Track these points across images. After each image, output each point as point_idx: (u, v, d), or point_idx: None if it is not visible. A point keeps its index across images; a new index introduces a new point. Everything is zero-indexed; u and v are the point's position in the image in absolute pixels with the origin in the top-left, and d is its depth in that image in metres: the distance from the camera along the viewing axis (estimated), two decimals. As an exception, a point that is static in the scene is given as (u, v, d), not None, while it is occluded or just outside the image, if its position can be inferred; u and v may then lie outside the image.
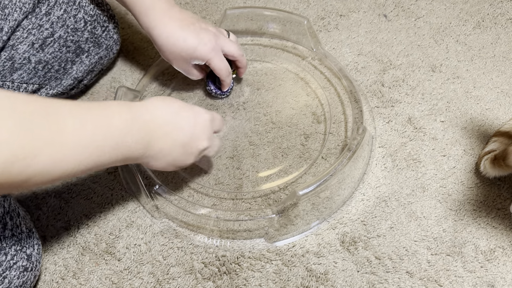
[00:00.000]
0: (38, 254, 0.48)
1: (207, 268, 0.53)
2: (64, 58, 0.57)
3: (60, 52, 0.56)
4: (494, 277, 0.51)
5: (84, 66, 0.60)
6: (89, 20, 0.57)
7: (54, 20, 0.54)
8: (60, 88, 0.60)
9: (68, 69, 0.58)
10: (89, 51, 0.59)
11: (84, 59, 0.59)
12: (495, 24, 0.71)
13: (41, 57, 0.55)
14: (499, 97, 0.63)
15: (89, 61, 0.60)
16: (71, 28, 0.56)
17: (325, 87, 0.65)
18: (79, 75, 0.60)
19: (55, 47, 0.55)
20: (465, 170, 0.58)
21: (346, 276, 0.51)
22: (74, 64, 0.58)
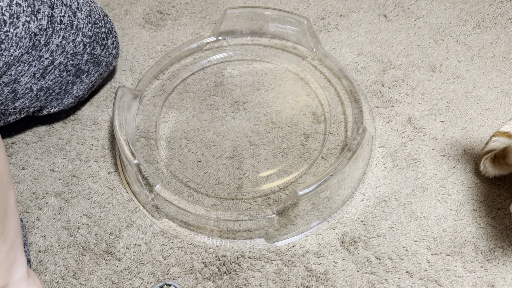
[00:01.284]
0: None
1: (207, 268, 0.53)
2: (65, 81, 0.57)
3: (60, 77, 0.56)
4: (494, 277, 0.51)
5: (85, 85, 0.60)
6: (88, 42, 0.57)
7: (53, 48, 0.54)
8: (62, 106, 0.60)
9: (68, 90, 0.59)
10: (89, 71, 0.59)
11: (84, 78, 0.59)
12: (495, 24, 0.71)
13: (43, 84, 0.55)
14: (499, 97, 0.64)
15: (89, 80, 0.60)
16: (70, 53, 0.56)
17: (325, 87, 0.65)
18: (80, 93, 0.61)
19: (55, 73, 0.55)
20: (465, 170, 0.58)
21: (346, 276, 0.51)
22: (75, 84, 0.59)
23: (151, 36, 0.72)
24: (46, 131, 0.64)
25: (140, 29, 0.73)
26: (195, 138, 0.62)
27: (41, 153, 0.62)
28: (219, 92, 0.66)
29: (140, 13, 0.75)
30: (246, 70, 0.68)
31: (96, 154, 0.61)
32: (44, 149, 0.62)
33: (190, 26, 0.73)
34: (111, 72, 0.69)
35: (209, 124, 0.63)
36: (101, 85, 0.68)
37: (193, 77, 0.68)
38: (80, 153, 0.62)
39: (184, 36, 0.72)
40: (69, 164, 0.61)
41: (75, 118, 0.65)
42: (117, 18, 0.75)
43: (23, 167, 0.61)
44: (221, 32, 0.69)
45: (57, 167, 0.61)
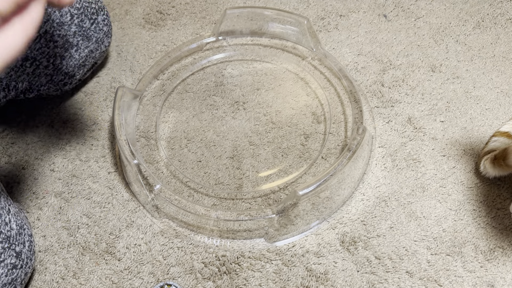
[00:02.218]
0: (29, 251, 0.48)
1: (207, 268, 0.53)
2: (52, 53, 0.55)
3: (47, 47, 0.54)
4: (494, 277, 0.51)
5: (74, 60, 0.58)
6: (76, 13, 0.55)
7: None
8: (51, 84, 0.58)
9: (57, 65, 0.57)
10: (78, 45, 0.58)
11: (73, 53, 0.58)
12: (495, 24, 0.71)
13: (28, 54, 0.53)
14: (498, 97, 0.64)
15: (79, 55, 0.58)
16: (56, 22, 0.54)
17: (325, 87, 0.65)
18: (70, 70, 0.59)
19: (41, 42, 0.54)
20: (464, 170, 0.58)
21: (346, 276, 0.51)
22: (64, 59, 0.57)
23: (151, 36, 0.72)
24: (46, 131, 0.64)
25: (140, 29, 0.73)
26: (195, 138, 0.62)
27: (41, 153, 0.62)
28: (219, 92, 0.66)
29: (140, 13, 0.75)
30: (246, 70, 0.68)
31: (96, 154, 0.61)
32: (44, 149, 0.62)
33: (190, 26, 0.73)
34: (111, 72, 0.69)
35: (209, 124, 0.63)
36: (101, 85, 0.68)
37: (193, 77, 0.68)
38: (80, 153, 0.62)
39: (184, 36, 0.72)
40: (69, 164, 0.61)
41: (75, 118, 0.65)
42: (117, 18, 0.75)
43: (23, 167, 0.61)
44: (221, 32, 0.69)
45: (57, 167, 0.61)
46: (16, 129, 0.64)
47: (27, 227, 0.50)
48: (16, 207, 0.51)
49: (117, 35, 0.72)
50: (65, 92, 0.65)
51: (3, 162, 0.61)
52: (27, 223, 0.50)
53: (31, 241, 0.49)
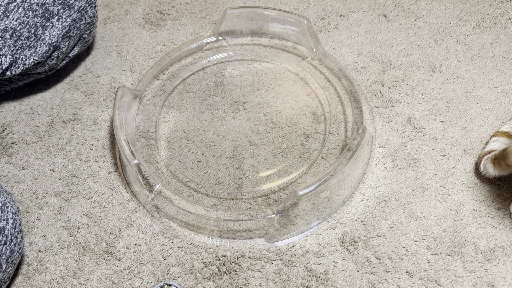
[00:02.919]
0: (14, 228, 0.47)
1: (207, 268, 0.53)
2: (33, 23, 0.54)
3: (26, 17, 0.53)
4: (494, 277, 0.51)
5: (57, 30, 0.57)
6: None
7: None
8: (36, 56, 0.56)
9: (39, 35, 0.55)
10: (59, 14, 0.56)
11: (55, 22, 0.56)
12: (495, 24, 0.71)
13: (7, 24, 0.52)
14: (499, 97, 0.64)
15: (61, 25, 0.57)
16: None
17: (325, 87, 0.65)
18: (53, 40, 0.57)
19: (19, 12, 0.52)
20: (465, 170, 0.58)
21: (346, 276, 0.51)
22: (46, 29, 0.56)
23: (151, 36, 0.72)
24: (46, 131, 0.64)
25: (140, 29, 0.73)
26: (195, 138, 0.62)
27: (41, 153, 0.62)
28: (219, 92, 0.66)
29: (140, 13, 0.75)
30: (246, 70, 0.68)
31: (96, 154, 0.61)
32: (44, 149, 0.62)
33: (190, 26, 0.73)
34: (111, 72, 0.69)
35: (209, 124, 0.63)
36: (101, 85, 0.68)
37: (193, 77, 0.68)
38: (80, 153, 0.62)
39: (184, 36, 0.72)
40: (69, 164, 0.61)
41: (75, 118, 0.65)
42: (117, 18, 0.75)
43: (23, 167, 0.61)
44: (221, 32, 0.69)
45: (57, 167, 0.61)
46: (16, 129, 0.64)
47: (11, 205, 0.49)
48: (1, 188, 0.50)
49: (117, 35, 0.72)
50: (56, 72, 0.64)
51: (3, 162, 0.61)
52: (12, 203, 0.50)
53: (15, 219, 0.48)
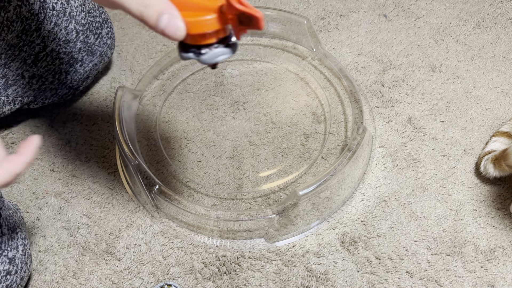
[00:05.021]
0: (24, 255, 0.47)
1: (207, 268, 0.53)
2: (58, 69, 0.56)
3: (53, 64, 0.55)
4: (494, 277, 0.51)
5: (79, 75, 0.59)
6: (81, 30, 0.56)
7: (45, 34, 0.53)
8: (56, 97, 0.59)
9: (62, 79, 0.58)
10: (82, 60, 0.59)
11: (78, 68, 0.59)
12: (495, 24, 0.71)
13: (35, 71, 0.54)
14: (499, 97, 0.63)
15: (83, 70, 0.59)
16: (63, 40, 0.55)
17: (325, 87, 0.65)
18: (74, 84, 0.60)
19: (47, 60, 0.55)
20: (465, 170, 0.58)
21: (346, 276, 0.51)
22: (68, 74, 0.58)
23: (151, 36, 0.72)
24: (46, 131, 0.64)
25: (140, 29, 0.73)
26: (195, 138, 0.62)
27: (41, 153, 0.62)
28: (219, 92, 0.66)
29: (140, 13, 0.75)
30: (246, 70, 0.68)
31: (96, 154, 0.61)
32: (44, 149, 0.62)
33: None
34: (111, 72, 0.69)
35: (209, 124, 0.63)
36: (101, 85, 0.68)
37: (193, 77, 0.68)
38: (80, 153, 0.62)
39: (184, 36, 0.72)
40: (69, 164, 0.61)
41: (75, 118, 0.65)
42: (117, 18, 0.75)
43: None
44: (221, 32, 0.69)
45: (57, 167, 0.61)
46: (16, 129, 0.64)
47: (21, 230, 0.48)
48: (11, 208, 0.50)
49: (117, 35, 0.72)
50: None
51: (3, 162, 0.61)
52: (22, 224, 0.50)
53: (25, 244, 0.48)
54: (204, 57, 0.36)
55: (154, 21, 0.33)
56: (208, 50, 0.35)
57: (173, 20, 0.33)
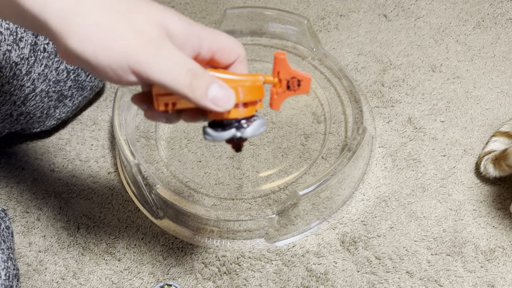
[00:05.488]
0: (7, 279, 0.45)
1: (207, 268, 0.53)
2: (47, 106, 0.55)
3: (42, 102, 0.54)
4: (494, 277, 0.51)
5: (67, 108, 0.58)
6: (72, 69, 0.54)
7: (35, 77, 0.51)
8: (44, 127, 0.58)
9: (51, 114, 0.57)
10: (72, 96, 0.57)
11: (67, 102, 0.57)
12: (495, 24, 0.70)
13: (23, 110, 0.53)
14: (499, 97, 0.63)
15: (72, 103, 0.58)
16: (53, 81, 0.53)
17: (325, 87, 0.65)
18: (63, 116, 0.59)
19: (37, 99, 0.53)
20: (465, 170, 0.58)
21: (346, 276, 0.51)
22: (57, 108, 0.57)
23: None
24: (45, 132, 0.63)
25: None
26: (195, 138, 0.62)
27: (41, 153, 0.62)
28: (219, 92, 0.66)
29: (140, 13, 0.75)
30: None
31: (96, 154, 0.61)
32: (44, 149, 0.62)
33: (190, 26, 0.73)
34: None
35: (209, 124, 0.63)
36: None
37: (193, 77, 0.68)
38: (80, 153, 0.62)
39: (184, 36, 0.72)
40: (69, 164, 0.61)
41: (75, 118, 0.65)
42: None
43: (23, 167, 0.61)
44: (221, 32, 0.69)
45: (57, 167, 0.61)
46: (16, 129, 0.64)
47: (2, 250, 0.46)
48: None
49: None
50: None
51: (3, 162, 0.61)
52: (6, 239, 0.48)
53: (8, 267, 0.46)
54: (248, 130, 0.32)
55: (203, 91, 0.28)
56: (249, 123, 0.32)
57: (223, 89, 0.29)
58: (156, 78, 0.27)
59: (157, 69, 0.27)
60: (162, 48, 0.27)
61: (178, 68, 0.27)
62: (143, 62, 0.26)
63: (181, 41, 0.28)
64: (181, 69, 0.27)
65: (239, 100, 0.30)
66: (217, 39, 0.30)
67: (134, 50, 0.26)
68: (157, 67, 0.27)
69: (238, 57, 0.31)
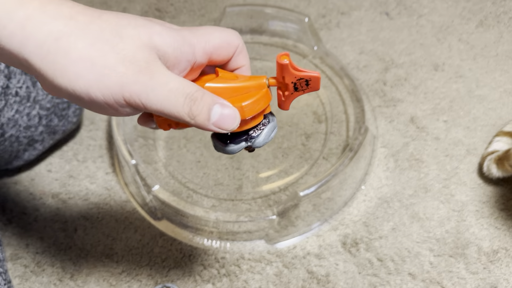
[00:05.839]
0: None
1: (207, 270, 0.52)
2: (15, 149, 0.52)
3: (11, 147, 0.51)
4: (497, 279, 0.50)
5: (37, 151, 0.55)
6: (45, 115, 0.51)
7: (4, 121, 0.48)
8: (10, 166, 0.55)
9: (20, 155, 0.54)
10: (43, 140, 0.54)
11: (37, 146, 0.54)
12: (498, 23, 0.70)
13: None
14: (502, 97, 0.63)
15: (43, 147, 0.55)
16: (23, 126, 0.50)
17: (326, 86, 0.65)
18: (31, 158, 0.56)
19: (6, 144, 0.50)
20: (468, 170, 0.57)
21: (348, 278, 0.51)
22: (27, 151, 0.54)
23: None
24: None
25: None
26: (194, 138, 0.61)
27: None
28: (219, 91, 0.65)
29: (138, 11, 0.74)
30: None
31: (94, 155, 0.61)
32: (41, 149, 0.61)
33: (189, 24, 0.72)
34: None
35: (208, 124, 0.62)
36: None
37: (192, 76, 0.67)
38: (77, 153, 0.61)
39: (183, 34, 0.71)
40: (66, 165, 0.60)
41: (73, 117, 0.64)
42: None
43: (20, 167, 0.60)
44: (220, 30, 0.68)
45: (54, 168, 0.60)
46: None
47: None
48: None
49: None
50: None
51: None
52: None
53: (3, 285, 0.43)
54: (259, 140, 0.30)
55: (205, 117, 0.26)
56: (259, 132, 0.30)
57: (226, 109, 0.27)
58: (153, 108, 0.26)
59: (153, 99, 0.25)
60: (156, 76, 0.25)
61: (175, 96, 0.25)
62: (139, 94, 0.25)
63: (174, 57, 0.27)
64: (178, 96, 0.26)
65: (245, 117, 0.28)
66: (210, 39, 0.28)
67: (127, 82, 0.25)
68: (153, 97, 0.25)
69: (236, 48, 0.30)
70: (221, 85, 0.28)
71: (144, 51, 0.25)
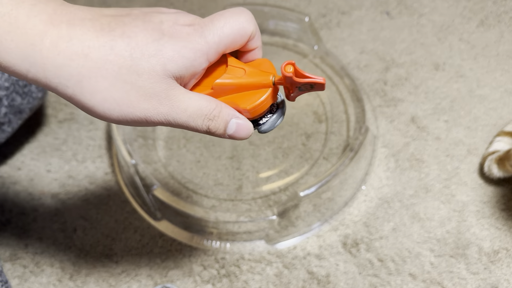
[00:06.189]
0: None
1: (206, 270, 0.52)
2: None
3: None
4: (497, 279, 0.50)
5: (7, 133, 0.54)
6: (5, 94, 0.49)
7: None
8: None
9: None
10: (10, 121, 0.52)
11: (5, 128, 0.53)
12: (499, 22, 0.70)
13: None
14: (503, 96, 0.63)
15: (12, 128, 0.54)
16: None
17: (327, 86, 0.64)
18: (1, 141, 0.54)
19: None
20: (468, 170, 0.57)
21: (348, 278, 0.51)
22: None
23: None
24: (41, 131, 0.63)
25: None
26: (193, 138, 0.61)
27: (36, 154, 0.61)
28: (219, 91, 0.65)
29: (138, 10, 0.74)
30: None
31: (93, 155, 0.60)
32: (40, 150, 0.61)
33: (189, 24, 0.72)
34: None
35: (208, 124, 0.62)
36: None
37: (192, 76, 0.67)
38: (76, 153, 0.61)
39: (182, 33, 0.71)
40: (66, 165, 0.60)
41: (72, 117, 0.64)
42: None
43: (19, 167, 0.60)
44: (220, 29, 0.68)
45: (53, 168, 0.60)
46: (11, 128, 0.63)
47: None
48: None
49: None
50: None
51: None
52: None
53: None
54: (265, 127, 0.33)
55: (222, 131, 0.30)
56: (265, 120, 0.33)
57: (240, 124, 0.31)
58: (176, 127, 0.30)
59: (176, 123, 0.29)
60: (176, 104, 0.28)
61: (194, 120, 0.29)
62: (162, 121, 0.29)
63: (189, 74, 0.29)
64: (197, 119, 0.29)
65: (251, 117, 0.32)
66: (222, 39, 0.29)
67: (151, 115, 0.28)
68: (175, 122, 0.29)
69: (249, 36, 0.31)
70: (229, 81, 0.30)
71: (161, 83, 0.28)
